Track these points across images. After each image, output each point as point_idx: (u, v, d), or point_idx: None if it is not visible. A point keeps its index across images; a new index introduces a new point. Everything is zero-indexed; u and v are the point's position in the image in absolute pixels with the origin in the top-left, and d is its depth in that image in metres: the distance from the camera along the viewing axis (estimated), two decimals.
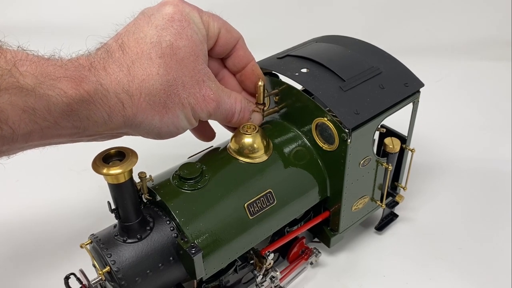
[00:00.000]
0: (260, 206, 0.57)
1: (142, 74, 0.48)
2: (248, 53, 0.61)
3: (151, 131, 0.53)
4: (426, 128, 0.97)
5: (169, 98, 0.51)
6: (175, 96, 0.51)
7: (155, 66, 0.49)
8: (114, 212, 0.50)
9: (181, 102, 0.52)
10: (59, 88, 0.43)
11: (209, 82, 0.54)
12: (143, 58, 0.49)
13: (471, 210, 0.81)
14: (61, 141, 0.48)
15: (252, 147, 0.59)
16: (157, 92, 0.49)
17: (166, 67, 0.49)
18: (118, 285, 0.49)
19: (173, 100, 0.51)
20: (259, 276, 0.60)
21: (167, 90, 0.50)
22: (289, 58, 0.65)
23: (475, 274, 0.69)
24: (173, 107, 0.51)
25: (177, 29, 0.51)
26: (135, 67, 0.48)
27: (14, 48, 0.43)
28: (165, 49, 0.50)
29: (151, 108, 0.50)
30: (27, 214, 0.81)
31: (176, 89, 0.51)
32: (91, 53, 0.48)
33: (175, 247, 0.52)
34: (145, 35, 0.50)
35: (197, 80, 0.53)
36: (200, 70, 0.53)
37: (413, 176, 0.85)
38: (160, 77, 0.49)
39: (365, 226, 0.78)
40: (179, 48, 0.50)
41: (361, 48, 0.68)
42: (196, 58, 0.52)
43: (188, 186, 0.54)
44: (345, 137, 0.56)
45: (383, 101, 0.60)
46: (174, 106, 0.51)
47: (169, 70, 0.50)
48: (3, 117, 0.40)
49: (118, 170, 0.45)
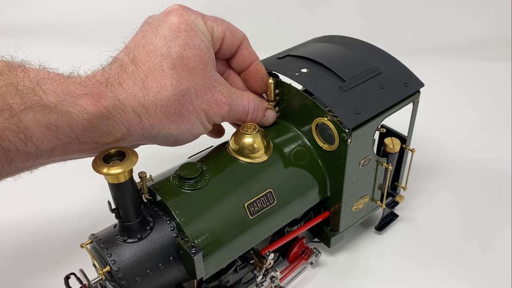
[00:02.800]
0: (260, 206, 0.57)
1: (156, 86, 0.50)
2: (252, 53, 0.62)
3: (168, 140, 0.54)
4: (426, 128, 0.97)
5: (184, 107, 0.52)
6: (189, 104, 0.52)
7: (168, 78, 0.50)
8: (114, 212, 0.50)
9: (195, 109, 0.53)
10: (79, 105, 0.45)
11: (220, 87, 0.56)
12: (156, 71, 0.50)
13: (471, 210, 0.81)
14: (81, 156, 0.50)
15: (252, 147, 0.59)
16: (172, 102, 0.51)
17: (179, 78, 0.51)
18: (118, 284, 0.49)
19: (188, 108, 0.53)
20: (259, 276, 0.60)
21: (181, 100, 0.52)
22: (289, 58, 0.65)
23: (475, 274, 0.69)
24: (188, 115, 0.53)
25: (184, 39, 0.52)
26: (148, 81, 0.50)
27: (36, 67, 0.45)
28: (175, 60, 0.51)
29: (167, 118, 0.51)
30: (27, 214, 0.81)
31: (189, 97, 0.52)
32: (105, 69, 0.50)
33: (175, 247, 0.52)
34: (155, 47, 0.51)
35: (209, 87, 0.54)
36: (210, 77, 0.54)
37: (413, 176, 0.85)
38: (174, 88, 0.51)
39: (365, 226, 0.78)
40: (189, 58, 0.52)
41: (361, 48, 0.68)
42: (206, 65, 0.53)
43: (188, 186, 0.54)
44: (345, 137, 0.56)
45: (383, 101, 0.60)
46: (189, 114, 0.53)
47: (181, 81, 0.51)
48: (28, 134, 0.42)
49: (119, 170, 0.44)
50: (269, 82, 0.63)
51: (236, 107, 0.58)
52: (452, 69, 1.26)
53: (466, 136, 1.00)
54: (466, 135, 1.01)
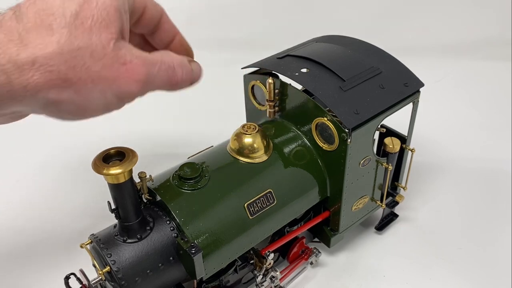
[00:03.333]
0: (260, 206, 0.57)
1: (38, 43, 0.42)
2: (173, 25, 0.55)
3: (53, 109, 0.45)
4: (426, 128, 0.97)
5: (73, 71, 0.43)
6: (81, 69, 0.43)
7: (55, 35, 0.42)
8: (114, 212, 0.50)
9: (90, 76, 0.44)
10: None
11: (131, 49, 0.46)
12: (42, 28, 0.42)
13: (471, 210, 0.81)
14: None
15: (252, 147, 0.59)
16: (56, 62, 0.42)
17: (70, 36, 0.42)
18: (118, 285, 0.49)
19: (79, 74, 0.43)
20: (259, 276, 0.60)
21: (70, 62, 0.42)
22: (289, 58, 0.65)
23: (475, 274, 0.69)
24: (79, 83, 0.43)
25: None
26: (29, 36, 0.42)
27: None
28: (69, 18, 0.43)
29: (47, 81, 0.42)
30: (27, 214, 0.81)
31: (82, 60, 0.43)
32: None
33: (175, 247, 0.52)
34: (48, 6, 0.43)
35: (113, 49, 0.45)
36: (117, 39, 0.45)
37: (413, 176, 0.85)
38: (60, 46, 0.42)
39: (365, 226, 0.78)
40: (87, 17, 0.43)
41: (361, 48, 0.68)
42: (110, 26, 0.45)
43: (188, 186, 0.54)
44: (345, 137, 0.56)
45: (383, 101, 0.60)
46: (79, 81, 0.43)
47: (73, 40, 0.42)
48: None
49: (118, 170, 0.45)
50: (268, 82, 0.63)
51: (157, 69, 0.48)
52: (452, 69, 1.26)
53: (466, 136, 1.00)
54: (466, 135, 1.01)
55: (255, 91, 0.70)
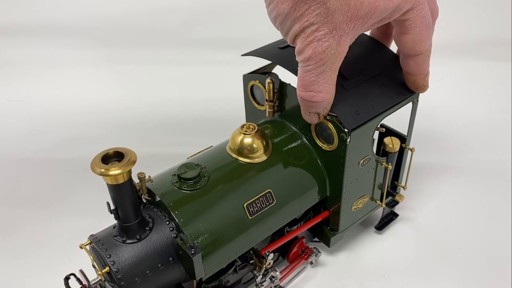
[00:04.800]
0: (259, 206, 0.57)
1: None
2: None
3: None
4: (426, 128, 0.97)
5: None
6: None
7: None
8: (113, 213, 0.50)
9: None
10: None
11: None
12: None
13: (470, 209, 0.81)
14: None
15: (252, 147, 0.59)
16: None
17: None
18: (118, 285, 0.49)
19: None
20: (259, 276, 0.60)
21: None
22: (291, 49, 0.62)
23: (475, 274, 0.69)
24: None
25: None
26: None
27: None
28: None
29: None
30: (27, 214, 0.81)
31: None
32: None
33: (175, 248, 0.52)
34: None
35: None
36: None
37: (413, 176, 0.85)
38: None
39: (365, 226, 0.78)
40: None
41: (364, 42, 0.67)
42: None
43: (187, 187, 0.54)
44: (344, 137, 0.56)
45: (384, 101, 0.59)
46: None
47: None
48: None
49: (117, 171, 0.44)
50: (267, 82, 0.62)
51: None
52: (452, 69, 1.25)
53: (466, 136, 1.00)
54: (466, 135, 1.00)
55: (255, 91, 0.70)
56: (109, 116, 1.06)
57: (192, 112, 1.08)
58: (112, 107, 1.10)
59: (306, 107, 0.55)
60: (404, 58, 0.59)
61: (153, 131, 1.03)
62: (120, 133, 1.00)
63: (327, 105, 0.55)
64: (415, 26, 0.53)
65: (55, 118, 1.07)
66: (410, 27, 0.53)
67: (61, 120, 1.06)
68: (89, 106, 1.11)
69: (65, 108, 1.10)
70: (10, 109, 1.11)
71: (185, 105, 1.10)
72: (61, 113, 1.08)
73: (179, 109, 1.09)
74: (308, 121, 0.58)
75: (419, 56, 0.57)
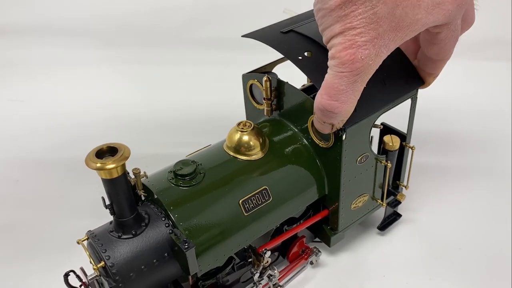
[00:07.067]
0: (255, 203, 0.57)
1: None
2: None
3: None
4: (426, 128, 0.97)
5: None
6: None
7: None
8: (108, 208, 0.50)
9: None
10: None
11: None
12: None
13: (470, 209, 0.80)
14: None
15: (248, 145, 0.59)
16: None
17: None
18: (113, 280, 0.49)
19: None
20: (256, 273, 0.59)
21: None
22: (293, 35, 0.61)
23: (475, 274, 0.68)
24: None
25: None
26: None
27: None
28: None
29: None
30: (27, 214, 0.82)
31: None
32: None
33: (170, 244, 0.52)
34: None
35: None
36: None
37: (414, 176, 0.84)
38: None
39: (367, 226, 0.77)
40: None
41: None
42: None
43: (183, 183, 0.55)
44: (339, 133, 0.56)
45: (383, 99, 0.59)
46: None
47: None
48: None
49: (111, 165, 0.45)
50: (264, 80, 0.62)
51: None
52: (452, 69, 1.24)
53: (466, 136, 0.99)
54: (466, 135, 0.99)
55: (254, 91, 0.70)
56: (109, 116, 1.06)
57: (193, 112, 1.09)
58: (112, 107, 1.11)
59: (323, 116, 0.52)
60: (423, 56, 0.59)
61: (153, 131, 1.03)
62: (120, 133, 1.01)
63: (345, 118, 0.52)
64: (445, 39, 0.52)
65: (55, 118, 1.08)
66: (441, 40, 0.52)
67: (61, 120, 1.07)
68: (89, 106, 1.12)
69: (65, 108, 1.11)
70: (10, 109, 1.12)
71: (185, 105, 1.11)
72: (61, 113, 1.09)
73: (180, 109, 1.10)
74: (319, 129, 0.56)
75: (439, 60, 0.58)
